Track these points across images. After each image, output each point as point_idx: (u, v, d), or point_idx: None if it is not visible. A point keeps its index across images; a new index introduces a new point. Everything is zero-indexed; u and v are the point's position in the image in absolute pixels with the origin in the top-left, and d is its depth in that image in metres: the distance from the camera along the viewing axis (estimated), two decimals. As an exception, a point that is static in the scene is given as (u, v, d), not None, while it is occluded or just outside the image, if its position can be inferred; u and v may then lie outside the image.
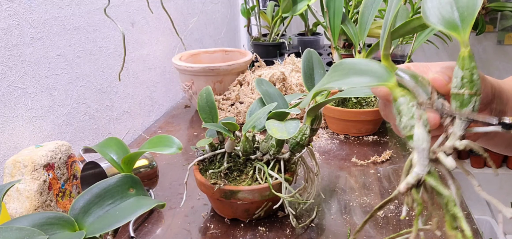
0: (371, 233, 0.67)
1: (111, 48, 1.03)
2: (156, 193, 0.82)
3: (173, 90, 1.40)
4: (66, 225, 0.41)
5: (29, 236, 0.36)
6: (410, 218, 0.71)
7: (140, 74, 1.19)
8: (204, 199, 0.78)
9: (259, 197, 0.67)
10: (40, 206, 0.69)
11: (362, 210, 0.73)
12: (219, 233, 0.69)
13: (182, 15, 1.45)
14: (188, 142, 1.06)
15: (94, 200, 0.44)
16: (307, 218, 0.71)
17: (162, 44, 1.30)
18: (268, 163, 0.69)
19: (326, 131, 1.08)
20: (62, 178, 0.74)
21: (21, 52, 0.76)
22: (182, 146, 0.57)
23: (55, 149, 0.74)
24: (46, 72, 0.83)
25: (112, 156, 0.55)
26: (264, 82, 0.74)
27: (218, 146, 0.72)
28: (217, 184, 0.66)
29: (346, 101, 1.05)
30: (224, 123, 0.67)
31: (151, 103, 1.25)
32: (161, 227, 0.71)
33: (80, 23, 0.91)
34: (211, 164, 0.72)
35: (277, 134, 0.60)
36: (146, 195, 0.47)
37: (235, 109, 1.15)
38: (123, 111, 1.10)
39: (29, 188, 0.68)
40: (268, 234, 0.68)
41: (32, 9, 0.78)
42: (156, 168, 0.81)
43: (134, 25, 1.14)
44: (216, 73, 1.19)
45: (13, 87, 0.76)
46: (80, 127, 0.93)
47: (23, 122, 0.78)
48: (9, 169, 0.70)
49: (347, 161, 0.92)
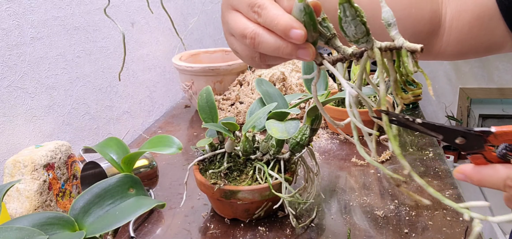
0: (371, 233, 0.67)
1: (111, 48, 1.03)
2: (156, 193, 0.82)
3: (173, 90, 1.40)
4: (66, 225, 0.41)
5: (29, 236, 0.36)
6: (410, 218, 0.71)
7: (140, 74, 1.19)
8: (204, 199, 0.78)
9: (259, 197, 0.67)
10: (40, 206, 0.69)
11: (362, 210, 0.73)
12: (219, 233, 0.69)
13: (182, 15, 1.45)
14: (188, 142, 1.06)
15: (94, 200, 0.44)
16: (307, 218, 0.71)
17: (162, 44, 1.30)
18: (268, 163, 0.69)
19: (326, 131, 1.08)
20: (62, 178, 0.74)
21: (21, 52, 0.76)
22: (182, 146, 0.57)
23: (55, 149, 0.74)
24: (46, 72, 0.83)
25: (112, 156, 0.55)
26: (264, 82, 0.74)
27: (218, 146, 0.72)
28: (217, 184, 0.66)
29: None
30: (224, 123, 0.67)
31: (151, 103, 1.25)
32: (161, 227, 0.71)
33: (80, 23, 0.91)
34: (211, 164, 0.72)
35: (277, 134, 0.60)
36: (146, 195, 0.47)
37: (235, 109, 1.15)
38: (123, 111, 1.10)
39: (29, 188, 0.68)
40: (268, 234, 0.68)
41: (32, 9, 0.78)
42: (156, 168, 0.81)
43: (134, 25, 1.14)
44: (216, 73, 1.19)
45: (13, 87, 0.76)
46: (80, 127, 0.93)
47: (23, 122, 0.78)
48: (9, 169, 0.70)
49: (347, 161, 0.92)
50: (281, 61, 0.43)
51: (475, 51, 0.59)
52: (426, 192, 0.33)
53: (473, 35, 0.56)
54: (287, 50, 0.38)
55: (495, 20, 0.54)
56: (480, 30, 0.56)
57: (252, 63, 0.44)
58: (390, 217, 0.71)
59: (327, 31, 0.38)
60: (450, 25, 0.58)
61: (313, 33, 0.37)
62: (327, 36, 0.39)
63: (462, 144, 0.34)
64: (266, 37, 0.38)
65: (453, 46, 0.58)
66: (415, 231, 0.67)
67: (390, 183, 0.82)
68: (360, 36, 0.36)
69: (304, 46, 0.37)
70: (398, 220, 0.70)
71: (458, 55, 0.60)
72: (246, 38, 0.39)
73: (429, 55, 0.61)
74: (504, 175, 0.34)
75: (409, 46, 0.35)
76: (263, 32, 0.38)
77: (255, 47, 0.39)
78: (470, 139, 0.34)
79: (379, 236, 0.66)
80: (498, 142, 0.33)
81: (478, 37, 0.56)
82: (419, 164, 0.89)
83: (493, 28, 0.55)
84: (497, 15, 0.54)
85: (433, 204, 0.75)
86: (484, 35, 0.56)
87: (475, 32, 0.56)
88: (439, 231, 0.67)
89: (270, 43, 0.38)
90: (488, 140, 0.33)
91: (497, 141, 0.33)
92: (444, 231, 0.67)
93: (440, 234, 0.66)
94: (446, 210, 0.73)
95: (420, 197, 0.33)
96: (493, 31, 0.55)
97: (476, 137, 0.33)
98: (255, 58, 0.42)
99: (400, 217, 0.71)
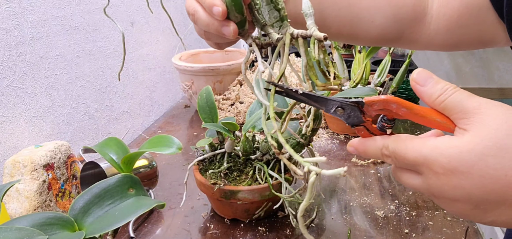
0: (371, 233, 0.67)
1: (111, 48, 1.03)
2: (156, 193, 0.82)
3: (173, 90, 1.40)
4: (66, 225, 0.41)
5: (29, 236, 0.36)
6: (410, 218, 0.71)
7: (140, 74, 1.18)
8: (204, 199, 0.78)
9: (259, 197, 0.66)
10: (39, 206, 0.69)
11: (362, 210, 0.73)
12: (219, 233, 0.69)
13: (182, 15, 1.45)
14: (188, 142, 1.06)
15: (94, 200, 0.43)
16: (307, 218, 0.71)
17: (162, 44, 1.30)
18: (268, 163, 0.69)
19: (326, 131, 1.08)
20: (61, 178, 0.74)
21: (20, 52, 0.76)
22: (182, 146, 0.57)
23: (54, 149, 0.73)
24: (46, 72, 0.83)
25: (112, 156, 0.55)
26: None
27: (218, 146, 0.72)
28: (217, 184, 0.66)
29: (346, 101, 1.04)
30: (224, 123, 0.67)
31: (151, 103, 1.25)
32: (161, 227, 0.71)
33: (80, 23, 0.91)
34: (211, 164, 0.72)
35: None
36: (145, 195, 0.47)
37: (235, 109, 1.14)
38: (123, 111, 1.10)
39: (28, 188, 0.68)
40: (268, 234, 0.68)
41: (32, 9, 0.78)
42: (156, 168, 0.81)
43: (134, 25, 1.14)
44: (216, 73, 1.18)
45: (13, 87, 0.75)
46: (80, 127, 0.93)
47: (23, 122, 0.78)
48: (8, 169, 0.70)
49: (347, 161, 0.92)
50: (220, 39, 0.48)
51: (466, 42, 0.58)
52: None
53: (462, 24, 0.56)
54: (214, 26, 0.43)
55: (484, 9, 0.54)
56: (469, 19, 0.55)
57: (207, 41, 0.51)
58: (391, 217, 0.71)
59: (262, 18, 0.43)
60: (438, 13, 0.58)
61: (236, 14, 0.42)
62: (261, 22, 0.44)
63: (343, 115, 0.38)
64: (201, 13, 0.44)
65: (443, 34, 0.58)
66: (416, 231, 0.67)
67: (390, 182, 0.82)
68: (274, 21, 0.42)
69: (226, 23, 0.43)
70: (399, 220, 0.70)
71: (450, 45, 0.60)
72: (190, 14, 0.45)
73: (417, 44, 0.61)
74: (381, 144, 0.37)
75: (316, 34, 0.39)
76: (199, 9, 0.44)
77: (195, 23, 0.46)
78: (347, 109, 0.38)
79: (380, 236, 0.66)
80: (372, 111, 0.37)
81: (467, 26, 0.56)
82: (419, 164, 0.89)
83: (482, 16, 0.54)
84: (487, 4, 0.53)
85: (434, 204, 0.75)
86: (473, 24, 0.56)
87: (464, 21, 0.56)
88: (440, 231, 0.67)
89: (203, 19, 0.44)
90: (364, 110, 0.37)
91: (371, 110, 0.37)
92: (444, 231, 0.67)
93: (441, 234, 0.66)
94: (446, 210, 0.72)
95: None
96: (483, 20, 0.55)
97: (351, 107, 0.38)
98: (202, 35, 0.49)
99: (400, 217, 0.71)
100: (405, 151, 0.35)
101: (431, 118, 0.36)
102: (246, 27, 0.45)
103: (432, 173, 0.34)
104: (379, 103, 0.37)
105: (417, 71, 0.37)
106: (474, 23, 0.56)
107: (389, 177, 0.85)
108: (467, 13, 0.55)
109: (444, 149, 0.33)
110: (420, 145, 0.34)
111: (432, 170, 0.34)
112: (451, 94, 0.35)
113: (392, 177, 0.84)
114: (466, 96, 0.34)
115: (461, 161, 0.32)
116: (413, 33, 0.59)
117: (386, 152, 0.37)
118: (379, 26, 0.58)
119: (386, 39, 0.60)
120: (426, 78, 0.36)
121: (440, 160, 0.33)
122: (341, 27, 0.57)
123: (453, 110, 0.34)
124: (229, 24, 0.43)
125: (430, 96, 0.36)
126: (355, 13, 0.57)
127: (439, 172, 0.33)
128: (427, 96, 0.36)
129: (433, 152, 0.33)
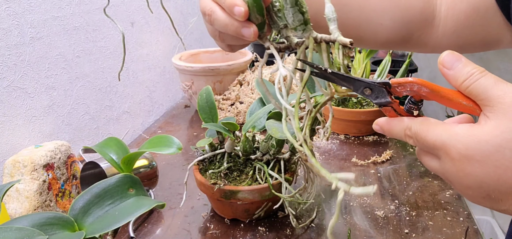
0: (372, 233, 0.67)
1: (111, 48, 1.03)
2: (156, 193, 0.82)
3: (173, 90, 1.40)
4: (66, 225, 0.41)
5: (29, 236, 0.36)
6: (410, 218, 0.71)
7: (140, 74, 1.18)
8: (204, 199, 0.78)
9: (259, 197, 0.66)
10: (39, 206, 0.69)
11: (362, 210, 0.73)
12: (219, 233, 0.69)
13: (182, 15, 1.45)
14: (188, 142, 1.06)
15: (94, 200, 0.43)
16: (307, 218, 0.71)
17: (162, 44, 1.30)
18: (268, 163, 0.69)
19: (326, 131, 1.08)
20: (61, 178, 0.74)
21: (20, 52, 0.76)
22: (182, 146, 0.57)
23: (54, 149, 0.73)
24: (46, 72, 0.83)
25: (112, 156, 0.55)
26: (264, 82, 0.74)
27: (218, 146, 0.72)
28: (217, 184, 0.66)
29: (346, 101, 1.04)
30: (224, 123, 0.67)
31: (151, 103, 1.25)
32: (161, 227, 0.71)
33: (80, 23, 0.91)
34: (211, 164, 0.72)
35: (277, 134, 0.59)
36: (145, 195, 0.47)
37: (235, 109, 1.14)
38: (123, 111, 1.10)
39: (28, 188, 0.68)
40: (268, 234, 0.68)
41: (32, 9, 0.78)
42: (156, 168, 0.81)
43: (134, 25, 1.14)
44: (216, 73, 1.19)
45: (13, 87, 0.75)
46: (80, 127, 0.93)
47: (23, 122, 0.78)
48: (8, 169, 0.70)
49: (347, 161, 0.92)
50: (235, 41, 0.47)
51: (472, 44, 0.59)
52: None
53: (469, 25, 0.56)
54: (233, 27, 0.42)
55: (491, 11, 0.54)
56: (476, 20, 0.56)
57: (218, 43, 0.48)
58: (391, 217, 0.71)
59: (280, 21, 0.42)
60: (446, 15, 0.58)
61: (257, 15, 0.41)
62: (279, 25, 0.42)
63: (371, 96, 0.39)
64: (219, 14, 0.42)
65: (449, 36, 0.58)
66: (416, 231, 0.67)
67: (390, 182, 0.82)
68: (297, 24, 0.41)
69: (247, 25, 0.41)
70: (399, 220, 0.70)
71: (455, 47, 0.60)
72: (206, 15, 0.43)
73: (426, 47, 0.61)
74: (405, 125, 0.38)
75: (341, 40, 0.39)
76: (217, 9, 0.42)
77: (212, 24, 0.44)
78: (375, 90, 0.38)
79: (380, 236, 0.66)
80: (399, 92, 0.38)
81: (474, 28, 0.56)
82: (419, 163, 0.89)
83: (489, 18, 0.55)
84: (494, 6, 0.54)
85: (434, 204, 0.75)
86: (480, 26, 0.56)
87: (472, 22, 0.56)
88: (440, 231, 0.67)
89: (221, 20, 0.42)
90: (391, 91, 0.38)
91: (398, 92, 0.38)
92: (444, 231, 0.67)
93: (441, 234, 0.66)
94: (446, 210, 0.72)
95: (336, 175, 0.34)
96: (490, 22, 0.55)
97: (379, 88, 0.38)
98: (216, 37, 0.46)
99: (400, 217, 0.71)
100: (426, 133, 0.36)
101: (457, 101, 0.36)
102: (265, 30, 0.44)
103: (449, 158, 0.34)
104: (405, 85, 0.37)
105: (445, 53, 0.36)
106: (480, 24, 0.56)
107: (389, 177, 0.85)
108: (474, 15, 0.56)
109: (463, 136, 0.33)
110: (441, 130, 0.35)
111: (449, 156, 0.34)
112: (477, 80, 0.34)
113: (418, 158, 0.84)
114: (492, 83, 0.34)
115: (478, 150, 0.33)
116: (422, 36, 0.59)
117: (409, 133, 0.38)
118: (387, 29, 0.58)
119: (394, 42, 0.60)
120: (454, 61, 0.36)
121: (458, 147, 0.33)
122: (349, 30, 0.56)
123: (478, 97, 0.34)
124: (250, 26, 0.41)
125: (456, 80, 0.36)
126: (364, 16, 0.57)
127: (455, 158, 0.34)
128: (453, 80, 0.36)
129: (451, 138, 0.34)
